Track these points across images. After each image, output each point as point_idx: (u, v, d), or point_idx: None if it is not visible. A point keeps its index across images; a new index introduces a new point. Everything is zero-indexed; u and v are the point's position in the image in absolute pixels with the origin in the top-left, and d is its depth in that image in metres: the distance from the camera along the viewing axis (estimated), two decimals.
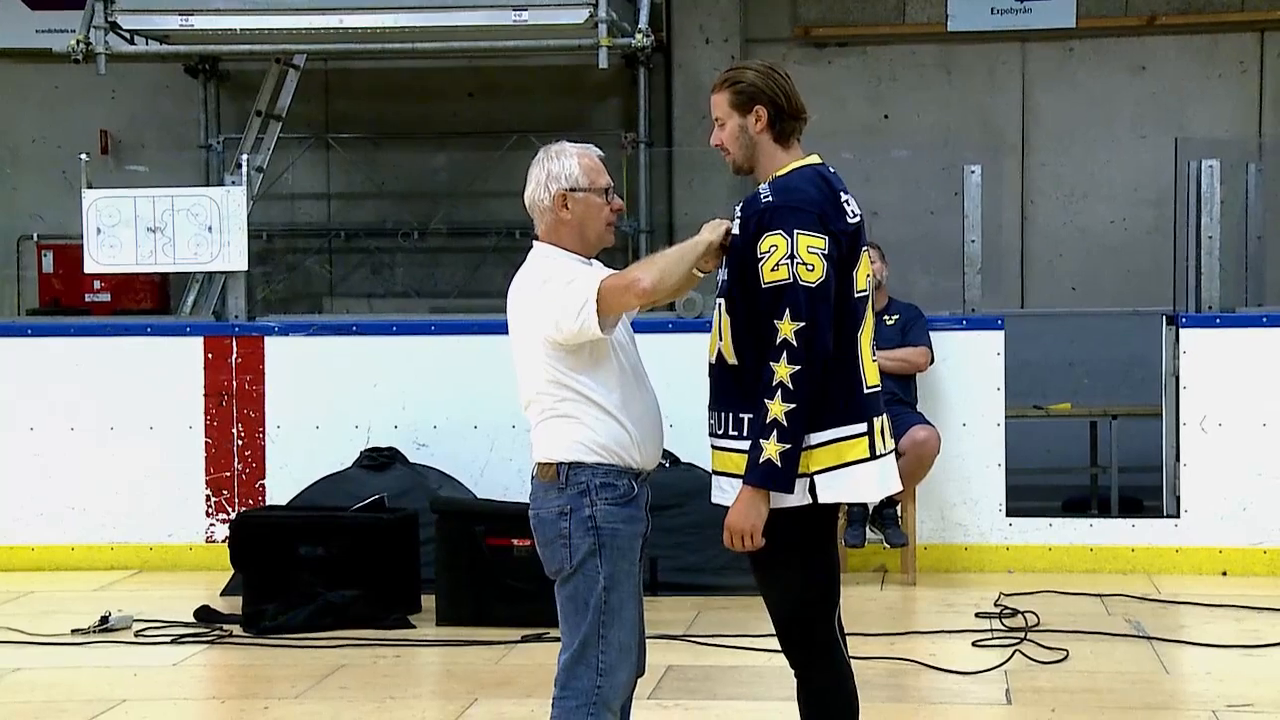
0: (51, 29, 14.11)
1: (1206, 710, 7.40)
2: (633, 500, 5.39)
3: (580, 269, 5.29)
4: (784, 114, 5.05)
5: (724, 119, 5.09)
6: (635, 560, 5.40)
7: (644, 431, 5.45)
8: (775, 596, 5.18)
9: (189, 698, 8.24)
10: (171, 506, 11.18)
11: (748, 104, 5.04)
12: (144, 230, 11.46)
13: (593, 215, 5.41)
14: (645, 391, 5.53)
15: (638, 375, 5.50)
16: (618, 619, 5.30)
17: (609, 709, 5.30)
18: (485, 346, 11.20)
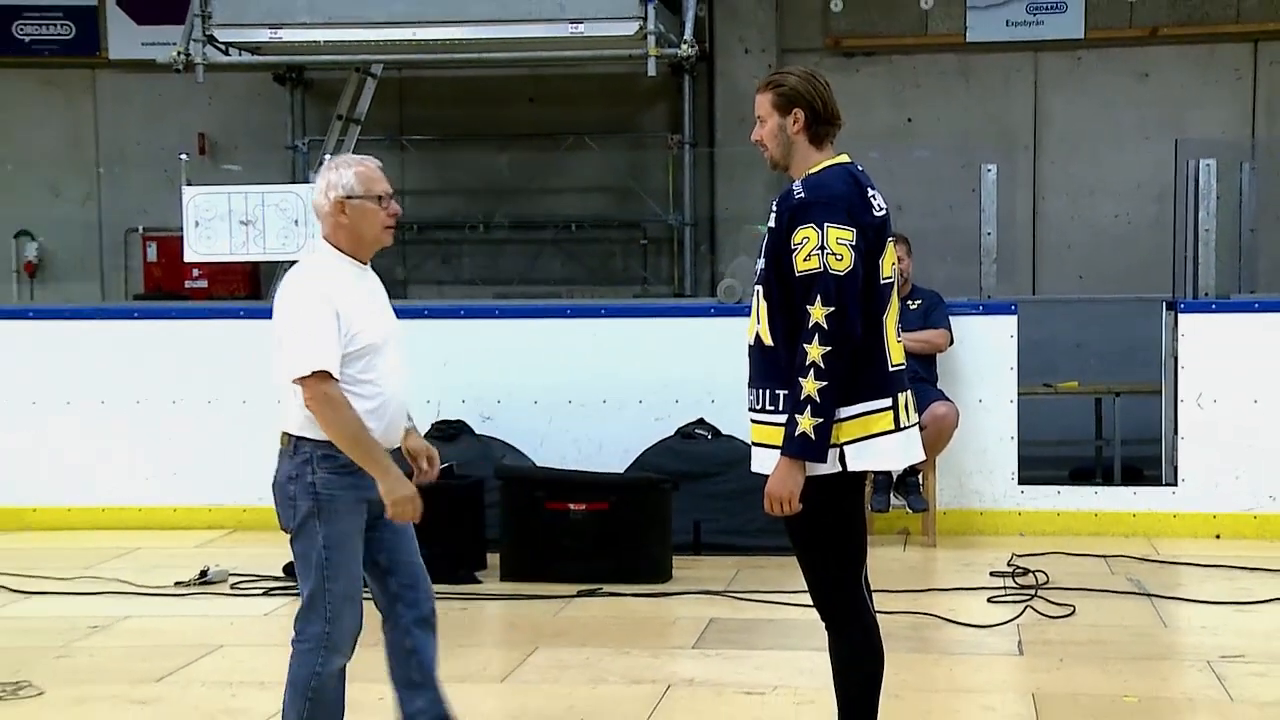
0: (155, 42, 14.14)
1: (1201, 660, 7.41)
2: (356, 471, 5.41)
3: (325, 306, 5.32)
4: (820, 118, 5.07)
5: (765, 118, 5.10)
6: (358, 522, 5.53)
7: (380, 416, 5.49)
8: (808, 556, 5.19)
9: (279, 644, 8.12)
10: (262, 472, 11.05)
11: (787, 106, 5.06)
12: (237, 223, 11.48)
13: (368, 220, 5.51)
14: (393, 385, 5.58)
15: (384, 365, 5.53)
16: (341, 573, 5.47)
17: (338, 651, 5.52)
18: (543, 329, 11.27)
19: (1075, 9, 14.38)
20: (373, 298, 5.61)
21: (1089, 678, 7.14)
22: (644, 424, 10.59)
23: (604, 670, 7.31)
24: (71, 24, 15.39)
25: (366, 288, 5.59)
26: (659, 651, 7.75)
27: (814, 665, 6.13)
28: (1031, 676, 7.23)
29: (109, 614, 8.61)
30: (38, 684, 7.05)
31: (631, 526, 9.34)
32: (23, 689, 6.98)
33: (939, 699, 6.83)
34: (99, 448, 11.31)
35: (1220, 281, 10.94)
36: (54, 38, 15.41)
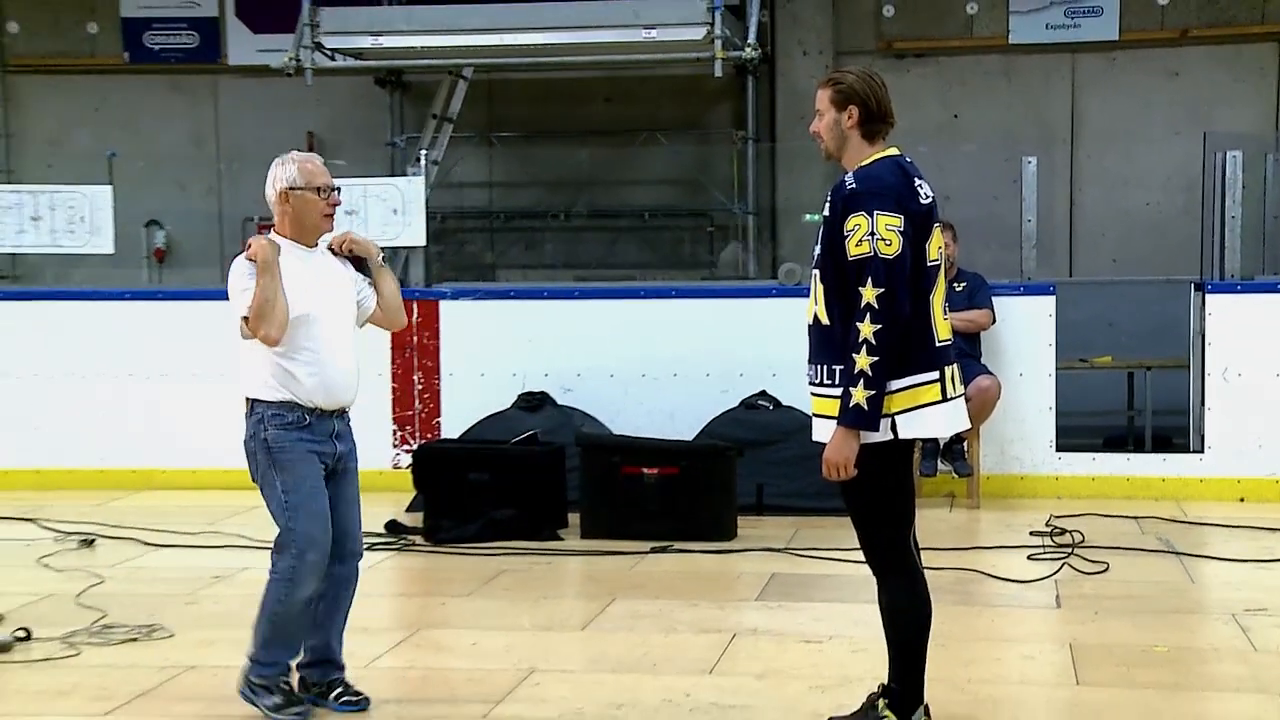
0: (270, 49, 14.19)
1: (1227, 614, 7.34)
2: (305, 427, 5.72)
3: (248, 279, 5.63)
4: (873, 115, 5.06)
5: (823, 111, 5.10)
6: (313, 469, 5.76)
7: (317, 380, 5.72)
8: (862, 517, 5.20)
9: (382, 595, 8.34)
10: (365, 438, 11.08)
11: (844, 102, 5.05)
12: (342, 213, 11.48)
13: (309, 208, 5.76)
14: (331, 351, 5.78)
15: (322, 339, 5.75)
16: (301, 514, 5.71)
17: (302, 584, 5.72)
18: (619, 309, 11.28)
19: (1110, 12, 14.26)
20: (317, 278, 5.81)
21: (1122, 629, 7.10)
22: (711, 396, 10.58)
23: (675, 620, 7.32)
24: (196, 34, 15.48)
25: (311, 269, 5.80)
26: (725, 603, 7.76)
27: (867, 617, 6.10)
28: (1068, 628, 7.19)
29: (229, 565, 8.70)
30: (169, 627, 7.14)
31: (699, 489, 9.34)
32: (156, 631, 7.08)
33: (982, 648, 6.80)
34: (219, 415, 11.35)
35: (1245, 264, 10.90)
36: (180, 46, 15.50)
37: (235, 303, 5.65)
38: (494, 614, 7.54)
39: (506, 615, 7.50)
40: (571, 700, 5.97)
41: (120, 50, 15.56)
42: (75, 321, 11.65)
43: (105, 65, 15.58)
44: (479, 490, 9.45)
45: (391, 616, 7.91)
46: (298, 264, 5.74)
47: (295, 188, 5.74)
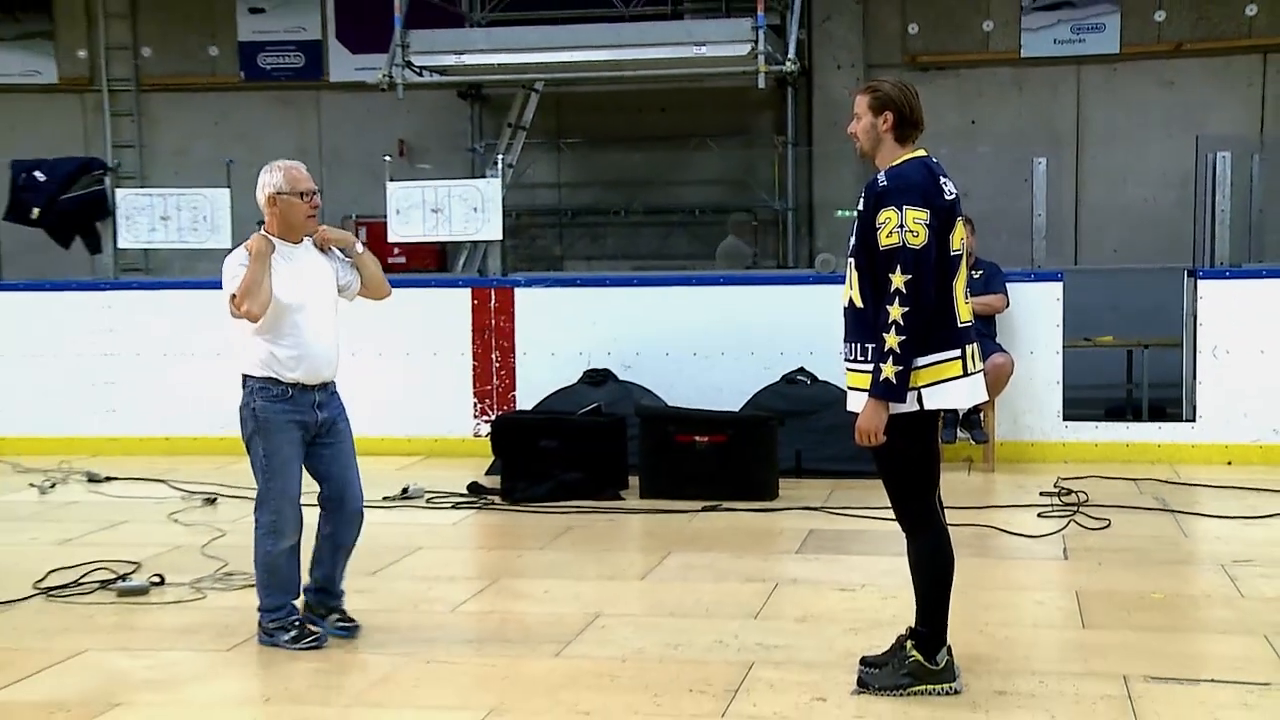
0: (366, 67, 14.29)
1: (1216, 564, 7.30)
2: (288, 399, 5.91)
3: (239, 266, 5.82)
4: (906, 121, 5.04)
5: (861, 115, 5.07)
6: (292, 437, 5.94)
7: (297, 360, 5.91)
8: (891, 479, 5.18)
9: (464, 547, 8.40)
10: (450, 410, 11.32)
11: (880, 108, 5.03)
12: (429, 211, 11.56)
13: (293, 211, 5.92)
14: (313, 334, 5.95)
15: (304, 322, 5.91)
16: (278, 475, 5.90)
17: (283, 535, 5.93)
18: (673, 295, 11.27)
19: (1111, 28, 14.20)
20: (300, 272, 5.96)
21: (1123, 578, 7.06)
22: (755, 371, 10.56)
23: (724, 570, 7.32)
24: (302, 55, 15.56)
25: (296, 264, 5.96)
26: (768, 556, 7.75)
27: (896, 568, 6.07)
28: (1074, 577, 7.13)
29: None
30: None
31: (745, 455, 9.31)
32: None
33: (998, 595, 6.76)
34: None
35: (1233, 253, 10.83)
36: (288, 66, 15.59)
37: (226, 286, 5.82)
38: (564, 565, 7.56)
39: (574, 566, 7.53)
40: (633, 641, 5.97)
41: (237, 70, 15.67)
42: (197, 308, 11.71)
43: (224, 84, 15.70)
44: (550, 456, 9.46)
45: (474, 567, 7.95)
46: (284, 260, 5.93)
47: (281, 192, 5.92)
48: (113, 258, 12.56)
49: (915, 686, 5.13)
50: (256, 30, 15.58)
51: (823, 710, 5.05)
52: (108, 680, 5.65)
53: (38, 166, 12.38)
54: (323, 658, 5.82)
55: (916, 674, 5.14)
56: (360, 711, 5.16)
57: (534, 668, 5.63)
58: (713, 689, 5.28)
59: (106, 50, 15.77)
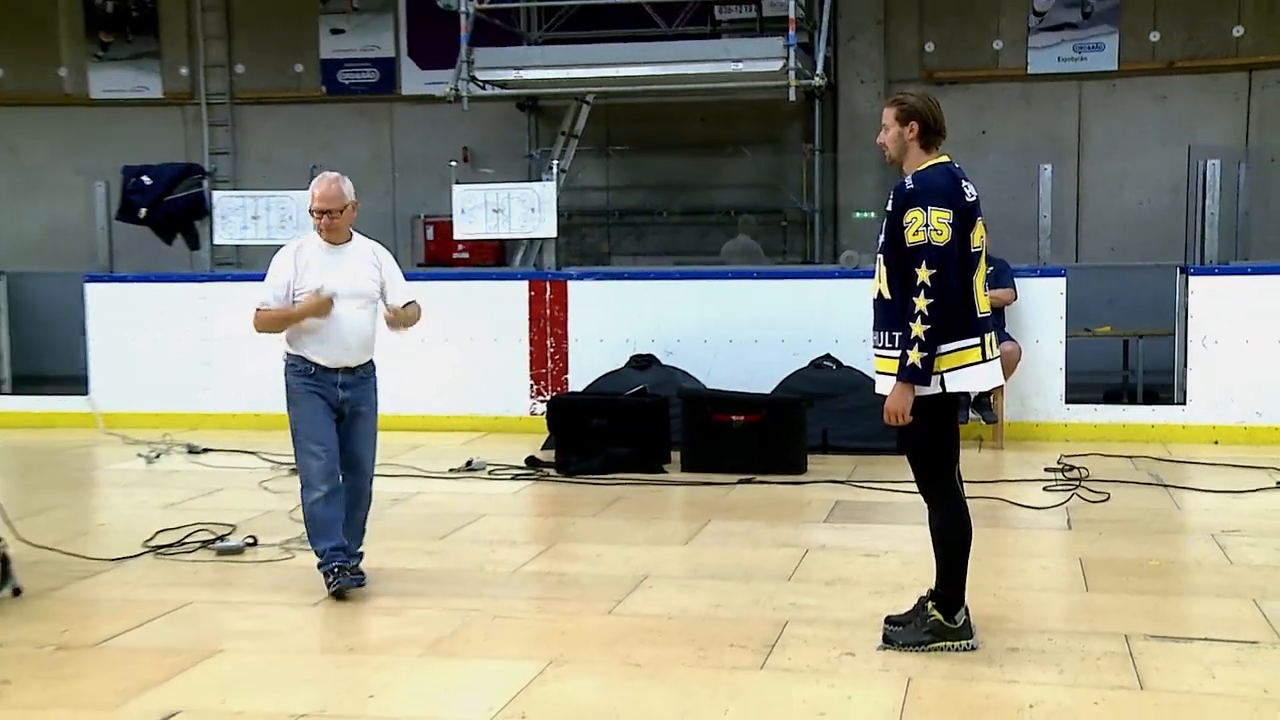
0: (434, 82, 14.27)
1: (1206, 534, 7.25)
2: (311, 376, 6.14)
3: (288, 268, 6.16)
4: (930, 129, 5.01)
5: (889, 126, 5.04)
6: (316, 405, 6.15)
7: (319, 347, 6.14)
8: (917, 455, 5.15)
9: (523, 514, 8.40)
10: (508, 390, 11.34)
11: (906, 118, 5.00)
12: (490, 211, 11.56)
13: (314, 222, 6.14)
14: (336, 326, 6.13)
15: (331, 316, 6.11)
16: (303, 438, 6.16)
17: (314, 487, 6.13)
18: (710, 288, 11.27)
19: (1110, 48, 14.11)
20: (334, 266, 6.15)
21: (1122, 546, 7.02)
22: (785, 358, 10.52)
23: (759, 537, 7.31)
24: (377, 71, 15.59)
25: (332, 259, 6.16)
26: (799, 524, 7.73)
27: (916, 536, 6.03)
28: (1078, 545, 7.09)
29: (405, 491, 8.76)
30: None
31: (777, 433, 9.29)
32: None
33: (1009, 561, 6.72)
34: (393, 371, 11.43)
35: (1221, 252, 10.81)
36: (364, 81, 15.62)
37: (265, 285, 6.16)
38: (614, 531, 7.55)
39: (624, 532, 7.51)
40: (678, 600, 5.97)
41: (319, 85, 15.71)
42: None
43: (308, 97, 15.74)
44: (600, 433, 9.46)
45: (533, 532, 7.96)
46: (319, 255, 6.16)
47: (308, 207, 6.21)
48: (209, 253, 12.64)
49: (936, 643, 5.12)
50: (337, 49, 15.63)
51: (851, 664, 5.03)
52: (211, 629, 5.71)
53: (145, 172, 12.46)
54: (399, 613, 5.84)
55: (937, 632, 5.12)
56: (434, 661, 5.16)
57: (589, 623, 5.64)
58: (751, 644, 5.27)
59: (205, 68, 15.84)
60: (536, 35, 14.43)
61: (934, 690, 4.73)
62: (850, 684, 4.81)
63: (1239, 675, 4.89)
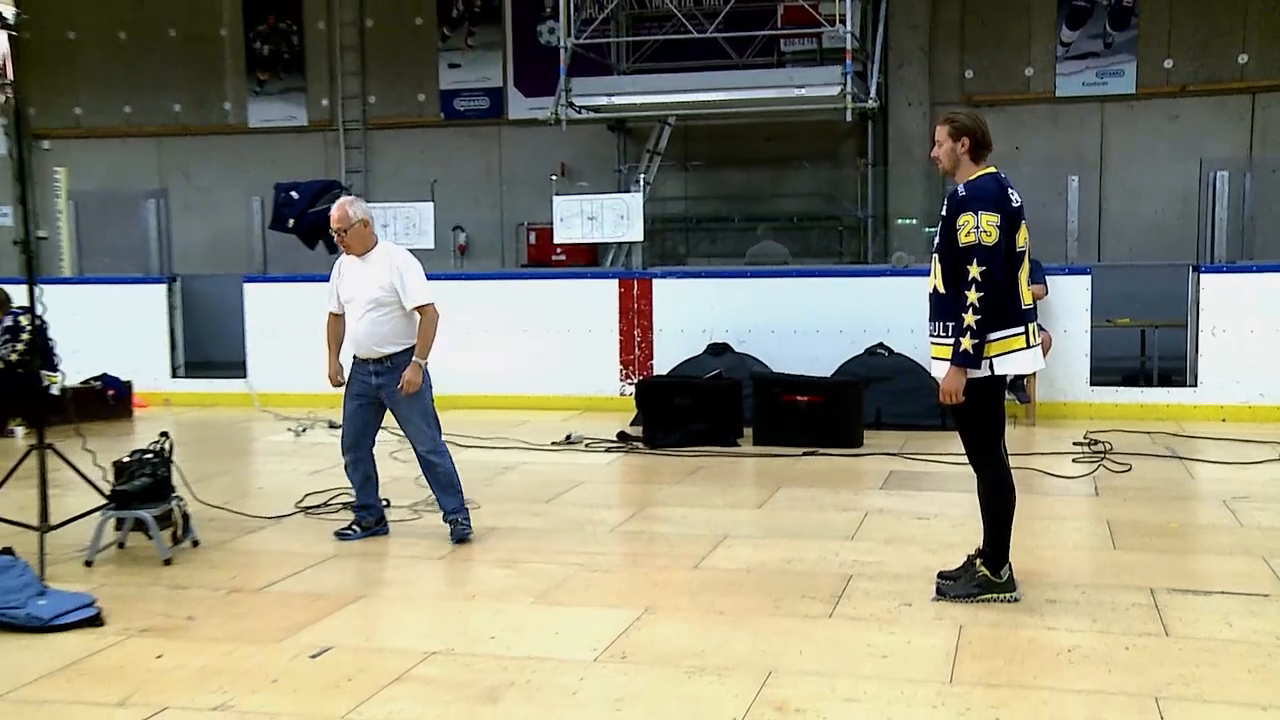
0: (536, 107, 14.32)
1: (1219, 500, 7.14)
2: (355, 366, 6.38)
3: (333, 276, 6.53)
4: (979, 144, 4.97)
5: (942, 141, 4.99)
6: (353, 393, 6.40)
7: (350, 343, 6.36)
8: (968, 430, 5.09)
9: (616, 481, 8.36)
10: (601, 374, 11.36)
11: (958, 134, 4.94)
12: (585, 218, 11.58)
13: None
14: (354, 323, 6.32)
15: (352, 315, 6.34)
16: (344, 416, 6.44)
17: (343, 452, 6.50)
18: (777, 285, 11.23)
19: (1129, 74, 13.84)
20: (361, 275, 6.31)
21: (1144, 511, 6.90)
22: (843, 346, 10.45)
23: (823, 502, 7.26)
24: (487, 99, 15.63)
25: (355, 268, 6.35)
26: (858, 491, 7.67)
27: (962, 501, 5.99)
28: (1105, 509, 6.98)
29: (514, 460, 8.83)
30: (477, 500, 7.25)
31: (837, 411, 9.22)
32: (469, 504, 7.13)
33: (1043, 524, 6.62)
34: (503, 357, 11.58)
35: (1229, 252, 10.69)
36: (477, 108, 15.67)
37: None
38: (695, 496, 7.54)
39: (704, 497, 7.50)
40: (754, 556, 5.95)
41: (438, 112, 15.78)
42: None
43: (428, 122, 15.82)
44: (681, 411, 9.45)
45: (624, 498, 7.96)
46: (351, 267, 6.39)
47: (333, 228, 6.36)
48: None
49: (983, 595, 5.07)
50: (454, 81, 15.70)
51: (909, 613, 4.99)
52: (353, 577, 5.78)
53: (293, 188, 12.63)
54: (512, 565, 5.87)
55: (984, 585, 5.08)
56: (544, 608, 5.19)
57: (677, 576, 5.63)
58: (820, 595, 5.24)
59: (343, 99, 15.99)
60: (625, 66, 14.40)
61: (983, 636, 4.68)
62: (909, 630, 4.77)
63: (1253, 624, 4.81)
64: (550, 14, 14.38)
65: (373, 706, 4.05)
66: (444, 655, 4.55)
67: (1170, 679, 4.22)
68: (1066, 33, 14.02)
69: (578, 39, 13.14)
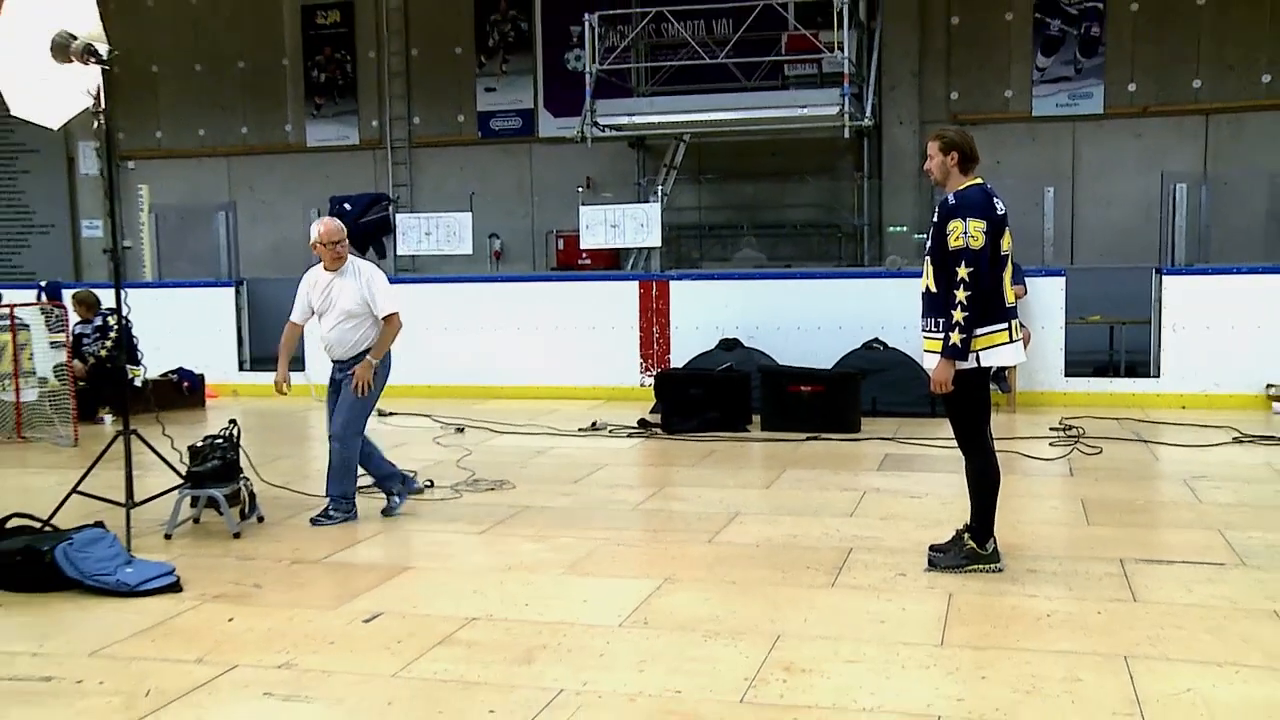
0: (564, 126, 14.32)
1: (1179, 479, 7.11)
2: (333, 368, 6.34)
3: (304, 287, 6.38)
4: (967, 157, 4.93)
5: (933, 155, 4.96)
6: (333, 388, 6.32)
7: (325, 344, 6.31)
8: (957, 416, 5.06)
9: (637, 464, 8.29)
10: (623, 366, 11.35)
11: (948, 149, 4.91)
12: (608, 226, 11.56)
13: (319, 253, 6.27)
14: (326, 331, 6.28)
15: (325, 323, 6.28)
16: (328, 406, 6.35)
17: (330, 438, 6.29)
18: (782, 286, 11.21)
19: (1098, 96, 13.77)
20: (334, 289, 6.22)
21: (1114, 489, 6.86)
22: (842, 341, 10.41)
23: (825, 483, 7.23)
24: (520, 119, 15.61)
25: (334, 282, 6.24)
26: (857, 472, 7.63)
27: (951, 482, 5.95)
28: (1079, 489, 6.93)
29: (544, 445, 8.82)
30: (512, 481, 7.29)
31: (837, 400, 9.18)
32: (504, 484, 7.23)
33: (1023, 502, 6.57)
34: (536, 352, 11.58)
35: (1187, 256, 10.67)
36: (510, 127, 15.65)
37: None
38: (709, 477, 7.52)
39: (717, 478, 7.48)
40: (764, 531, 5.93)
41: (476, 131, 15.77)
42: (451, 295, 11.91)
43: (467, 141, 15.81)
44: (696, 400, 9.44)
45: (644, 479, 7.92)
46: (322, 280, 6.28)
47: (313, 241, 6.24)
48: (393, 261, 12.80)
49: (970, 566, 5.04)
50: (489, 103, 15.69)
51: (904, 582, 4.96)
52: (401, 550, 5.79)
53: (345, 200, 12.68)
54: (544, 540, 5.85)
55: (971, 557, 5.05)
56: (574, 578, 5.17)
57: (693, 550, 5.61)
58: (823, 567, 5.22)
59: (390, 120, 16.00)
60: (644, 89, 14.35)
61: (970, 604, 4.64)
62: (904, 598, 4.74)
63: (1211, 590, 4.78)
64: (577, 43, 14.33)
65: (420, 666, 4.06)
66: (483, 620, 4.54)
67: (1139, 640, 4.19)
68: (1041, 59, 13.96)
69: (601, 65, 13.11)
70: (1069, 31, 13.85)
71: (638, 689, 3.80)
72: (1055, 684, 3.78)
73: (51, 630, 4.54)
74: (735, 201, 15.00)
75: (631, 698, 3.73)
